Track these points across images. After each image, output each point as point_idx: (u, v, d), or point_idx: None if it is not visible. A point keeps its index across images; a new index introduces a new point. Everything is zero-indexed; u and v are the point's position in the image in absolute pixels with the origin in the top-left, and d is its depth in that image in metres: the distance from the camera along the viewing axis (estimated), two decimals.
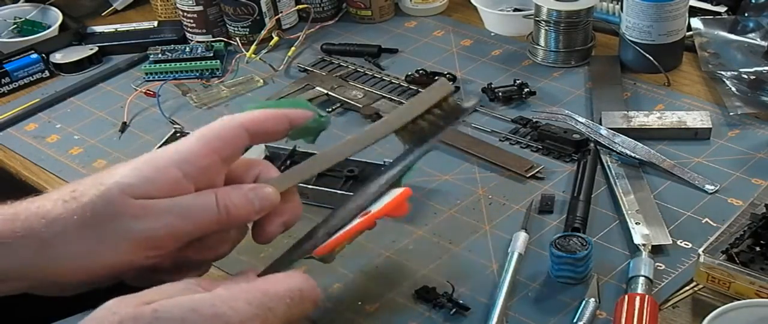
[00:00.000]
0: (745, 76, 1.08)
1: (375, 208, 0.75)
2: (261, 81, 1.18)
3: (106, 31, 1.32)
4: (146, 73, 1.21)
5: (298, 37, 1.26)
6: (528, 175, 0.96)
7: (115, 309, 0.60)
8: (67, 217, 0.66)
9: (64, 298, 0.74)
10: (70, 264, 0.67)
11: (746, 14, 1.18)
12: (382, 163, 0.95)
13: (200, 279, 0.66)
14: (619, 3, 1.14)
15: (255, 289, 0.64)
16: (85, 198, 0.67)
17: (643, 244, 0.84)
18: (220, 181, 0.72)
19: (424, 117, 0.77)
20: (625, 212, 0.89)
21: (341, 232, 0.74)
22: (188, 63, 1.21)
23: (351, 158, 0.96)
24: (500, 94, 1.09)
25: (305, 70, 1.20)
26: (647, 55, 1.10)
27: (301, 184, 0.93)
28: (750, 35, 1.15)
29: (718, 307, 0.72)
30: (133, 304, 0.60)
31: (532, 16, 1.17)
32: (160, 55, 1.22)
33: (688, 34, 1.14)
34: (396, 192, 0.76)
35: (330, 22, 1.31)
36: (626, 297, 0.77)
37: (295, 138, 0.78)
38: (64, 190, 0.68)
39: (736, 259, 0.78)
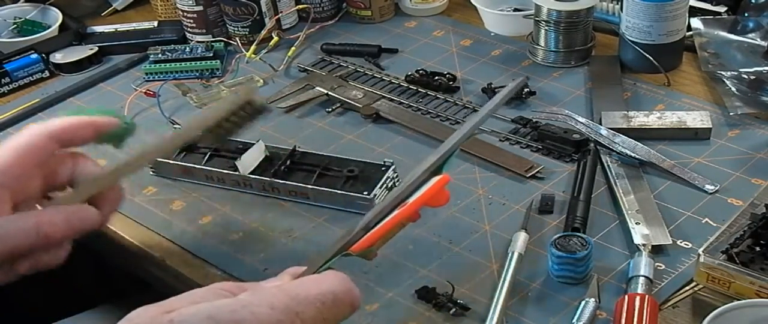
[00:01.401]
0: (745, 76, 1.08)
1: (413, 199, 0.72)
2: (261, 81, 1.18)
3: (106, 31, 1.32)
4: (146, 73, 1.21)
5: (298, 37, 1.26)
6: (528, 175, 0.96)
7: (136, 319, 0.59)
8: None
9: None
10: None
11: (746, 14, 1.17)
12: (382, 163, 0.95)
13: (232, 283, 0.63)
14: (619, 3, 1.14)
15: (282, 293, 0.61)
16: None
17: (643, 244, 0.84)
18: (35, 184, 0.77)
19: (230, 118, 0.80)
20: (625, 212, 0.89)
21: (379, 225, 0.71)
22: (188, 63, 1.21)
23: (351, 158, 0.97)
24: None
25: (305, 70, 1.20)
26: (647, 55, 1.10)
27: (301, 184, 0.94)
28: (750, 35, 1.15)
29: (718, 307, 0.73)
30: (152, 314, 0.59)
31: (532, 16, 1.17)
32: (160, 55, 1.22)
33: (688, 34, 1.14)
34: (434, 180, 0.73)
35: (330, 22, 1.31)
36: (626, 297, 0.77)
37: (102, 143, 0.81)
38: None
39: (736, 259, 0.78)
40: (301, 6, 1.30)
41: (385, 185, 0.93)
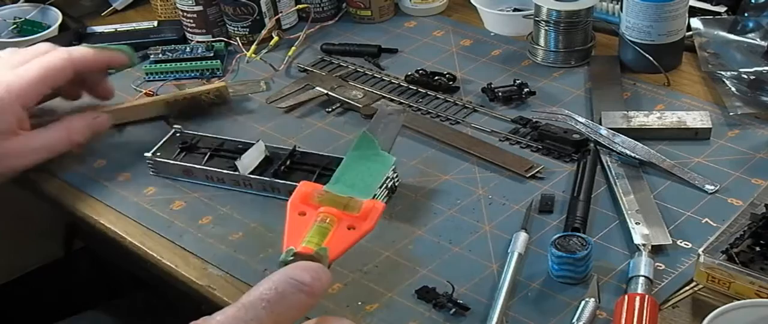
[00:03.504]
0: (745, 76, 1.08)
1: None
2: (265, 86, 1.17)
3: (106, 31, 1.32)
4: (146, 73, 1.21)
5: (298, 37, 1.26)
6: (528, 175, 0.96)
7: None
8: None
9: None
10: None
11: (746, 14, 1.18)
12: None
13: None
14: (619, 3, 1.14)
15: (227, 315, 0.62)
16: None
17: (643, 244, 0.84)
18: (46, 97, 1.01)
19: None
20: (625, 212, 0.89)
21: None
22: (188, 63, 1.21)
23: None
24: (500, 94, 1.09)
25: (305, 70, 1.20)
26: (647, 55, 1.10)
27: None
28: (750, 35, 1.15)
29: (718, 307, 0.73)
30: None
31: (532, 16, 1.17)
32: (160, 55, 1.22)
33: (688, 34, 1.14)
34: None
35: (330, 22, 1.31)
36: (626, 297, 0.77)
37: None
38: None
39: (736, 259, 0.78)
40: (301, 6, 1.30)
41: (384, 185, 0.93)
